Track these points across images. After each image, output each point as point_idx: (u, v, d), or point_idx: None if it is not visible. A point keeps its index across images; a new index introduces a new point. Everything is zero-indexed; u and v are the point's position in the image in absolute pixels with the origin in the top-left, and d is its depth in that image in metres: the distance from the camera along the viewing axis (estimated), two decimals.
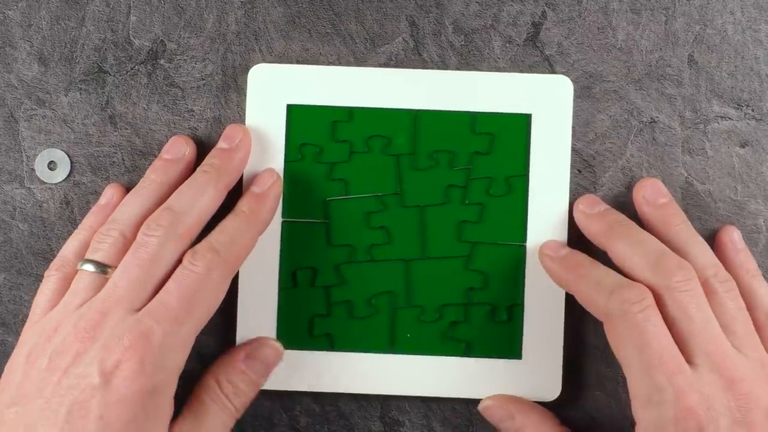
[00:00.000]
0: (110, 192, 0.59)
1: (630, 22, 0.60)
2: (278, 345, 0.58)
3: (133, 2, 0.60)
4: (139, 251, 0.53)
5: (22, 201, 0.60)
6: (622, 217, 0.57)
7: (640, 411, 0.52)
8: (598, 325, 0.56)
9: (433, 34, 0.60)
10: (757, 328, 0.56)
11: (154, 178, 0.57)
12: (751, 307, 0.56)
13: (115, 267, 0.54)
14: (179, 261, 0.54)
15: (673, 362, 0.51)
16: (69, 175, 0.60)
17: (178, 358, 0.53)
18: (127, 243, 0.55)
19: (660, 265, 0.53)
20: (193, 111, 0.60)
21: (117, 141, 0.60)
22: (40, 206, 0.60)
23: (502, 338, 0.58)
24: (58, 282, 0.56)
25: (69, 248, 0.57)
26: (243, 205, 0.57)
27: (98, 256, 0.54)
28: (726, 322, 0.53)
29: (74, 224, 0.60)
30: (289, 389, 0.59)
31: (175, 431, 0.53)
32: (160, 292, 0.53)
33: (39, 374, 0.51)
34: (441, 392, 0.59)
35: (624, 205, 0.59)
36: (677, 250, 0.55)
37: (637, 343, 0.51)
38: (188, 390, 0.57)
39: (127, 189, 0.59)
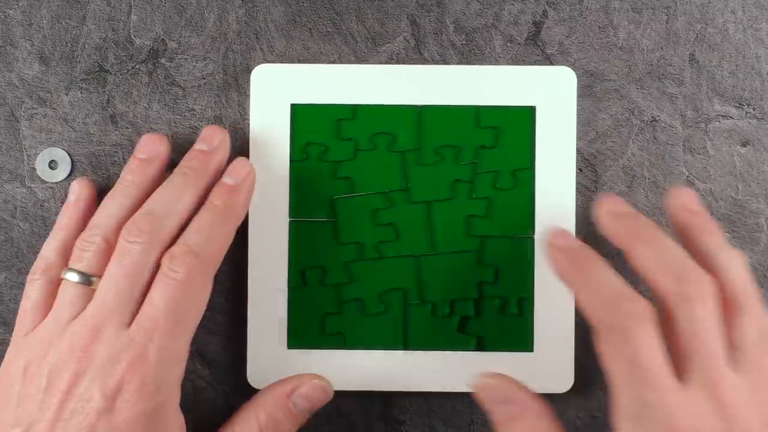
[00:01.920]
0: (77, 188, 0.58)
1: (631, 21, 0.60)
2: (328, 386, 0.58)
3: (134, 1, 0.60)
4: (123, 260, 0.53)
5: (23, 200, 0.60)
6: (650, 221, 0.54)
7: (622, 422, 0.50)
8: None
9: (434, 33, 0.60)
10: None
11: (131, 179, 0.56)
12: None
13: (99, 276, 0.53)
14: (158, 264, 0.53)
15: (665, 381, 0.49)
16: (70, 175, 0.60)
17: (176, 371, 0.53)
18: (110, 249, 0.54)
19: (680, 276, 0.50)
20: (194, 110, 0.60)
21: (118, 140, 0.60)
22: (41, 205, 0.60)
23: (513, 331, 0.58)
24: (43, 286, 0.55)
25: (50, 250, 0.56)
26: (216, 198, 0.55)
27: (82, 266, 0.54)
28: (740, 339, 0.51)
29: None
30: None
31: None
32: (145, 304, 0.53)
33: (38, 393, 0.51)
34: (454, 387, 0.59)
35: None
36: (708, 258, 0.52)
37: (630, 357, 0.49)
38: (186, 390, 0.57)
39: (95, 183, 0.59)
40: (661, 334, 0.50)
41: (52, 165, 0.60)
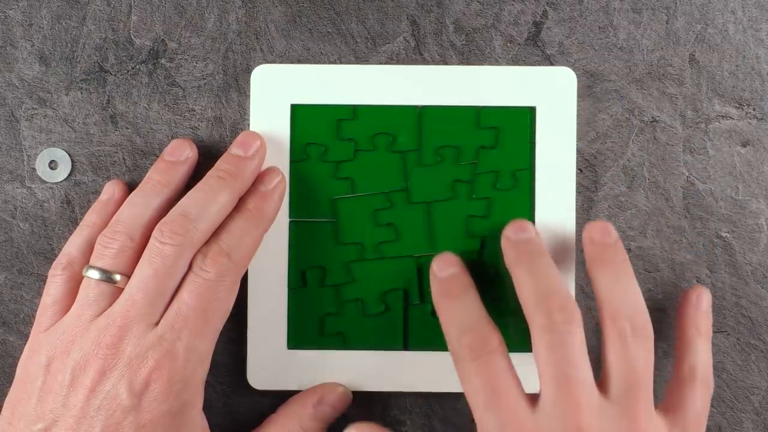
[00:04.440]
0: (111, 188, 0.58)
1: (631, 21, 0.60)
2: (347, 391, 0.58)
3: (134, 2, 0.60)
4: (155, 261, 0.52)
5: (23, 200, 0.60)
6: (539, 247, 0.55)
7: None
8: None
9: (434, 34, 0.60)
10: (678, 380, 0.56)
11: (158, 179, 0.56)
12: (681, 359, 0.56)
13: (122, 274, 0.53)
14: (190, 266, 0.53)
15: (516, 405, 0.51)
16: (70, 175, 0.60)
17: (202, 370, 0.53)
18: (134, 247, 0.54)
19: (543, 303, 0.52)
20: (194, 110, 0.60)
21: (118, 140, 0.60)
22: (41, 206, 0.60)
23: (513, 332, 0.58)
24: (65, 283, 0.55)
25: (73, 246, 0.56)
26: (249, 203, 0.56)
27: (104, 263, 0.54)
28: (617, 368, 0.52)
29: (75, 224, 0.59)
30: (302, 389, 0.59)
31: None
32: (175, 302, 0.53)
33: (62, 390, 0.51)
34: (454, 388, 0.58)
35: (625, 204, 0.59)
36: (606, 286, 0.54)
37: (480, 386, 0.52)
38: None
39: (129, 186, 0.59)
40: (509, 363, 0.53)
41: (52, 165, 0.60)
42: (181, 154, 0.57)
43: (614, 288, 0.54)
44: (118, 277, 0.53)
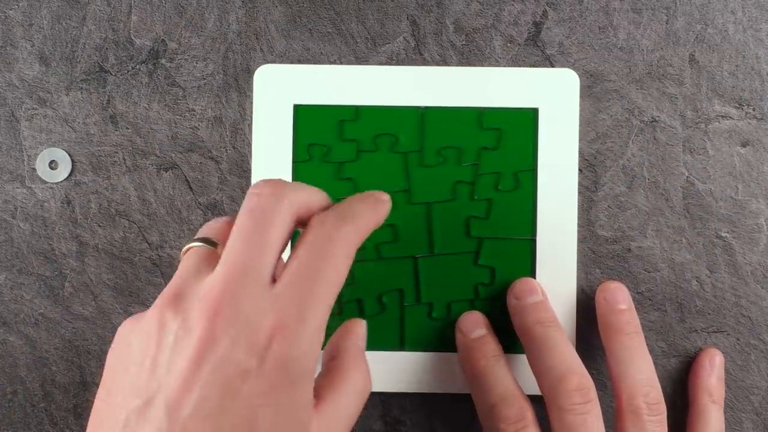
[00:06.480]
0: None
1: (631, 21, 0.60)
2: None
3: (134, 2, 0.60)
4: (254, 212, 0.47)
5: (23, 200, 0.60)
6: (549, 317, 0.57)
7: None
8: None
9: (434, 34, 0.60)
10: None
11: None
12: (694, 428, 0.58)
13: (219, 240, 0.48)
14: (292, 223, 0.48)
15: None
16: (70, 175, 0.60)
17: (320, 338, 0.46)
18: (231, 222, 0.48)
19: (560, 384, 0.53)
20: (194, 110, 0.60)
21: (118, 140, 0.60)
22: (41, 206, 0.60)
23: (511, 333, 0.58)
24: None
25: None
26: (368, 195, 0.51)
27: (204, 233, 0.49)
28: None
29: (75, 223, 0.59)
30: None
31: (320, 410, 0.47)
32: (292, 261, 0.47)
33: (163, 356, 0.44)
34: (451, 389, 0.59)
35: (625, 204, 0.59)
36: (620, 359, 0.56)
37: None
38: None
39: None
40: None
41: (53, 165, 0.60)
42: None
43: (628, 362, 0.55)
44: (215, 242, 0.48)
